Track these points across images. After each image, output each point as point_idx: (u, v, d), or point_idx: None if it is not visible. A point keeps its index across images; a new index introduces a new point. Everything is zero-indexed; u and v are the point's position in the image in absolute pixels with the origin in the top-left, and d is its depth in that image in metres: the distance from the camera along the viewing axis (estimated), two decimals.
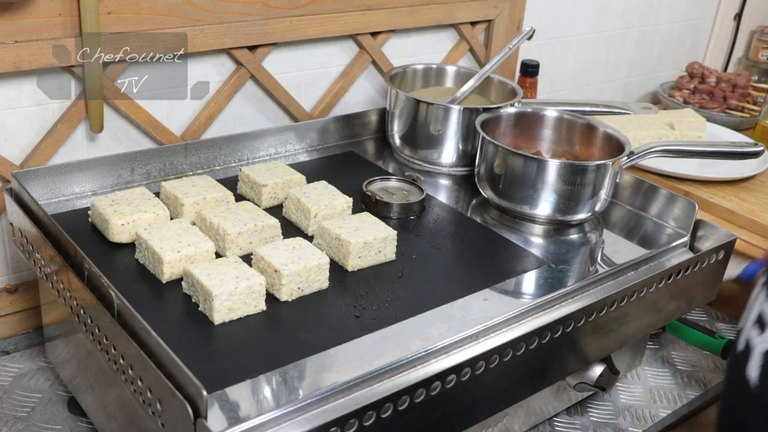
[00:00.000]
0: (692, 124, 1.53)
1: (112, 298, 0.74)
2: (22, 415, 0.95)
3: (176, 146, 1.07)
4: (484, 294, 0.88)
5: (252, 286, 0.80)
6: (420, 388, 0.72)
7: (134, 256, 0.89)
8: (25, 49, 0.96)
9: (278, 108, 1.26)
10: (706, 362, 1.18)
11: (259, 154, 1.15)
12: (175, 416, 0.65)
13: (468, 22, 1.42)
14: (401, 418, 0.72)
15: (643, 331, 1.00)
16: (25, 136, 1.04)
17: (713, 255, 1.01)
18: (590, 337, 0.90)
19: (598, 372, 0.97)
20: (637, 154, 1.06)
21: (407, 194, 1.07)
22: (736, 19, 2.03)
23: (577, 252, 1.01)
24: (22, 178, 0.94)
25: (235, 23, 1.13)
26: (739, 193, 1.38)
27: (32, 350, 1.06)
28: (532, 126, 1.17)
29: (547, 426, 1.02)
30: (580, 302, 0.87)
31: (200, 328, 0.78)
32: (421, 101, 1.17)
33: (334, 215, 0.98)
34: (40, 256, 0.88)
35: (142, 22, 1.05)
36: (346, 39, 1.29)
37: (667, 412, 1.07)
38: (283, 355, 0.74)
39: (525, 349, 0.81)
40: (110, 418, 0.86)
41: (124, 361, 0.72)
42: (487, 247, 0.99)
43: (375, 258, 0.91)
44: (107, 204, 0.92)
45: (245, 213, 0.93)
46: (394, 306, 0.84)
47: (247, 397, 0.69)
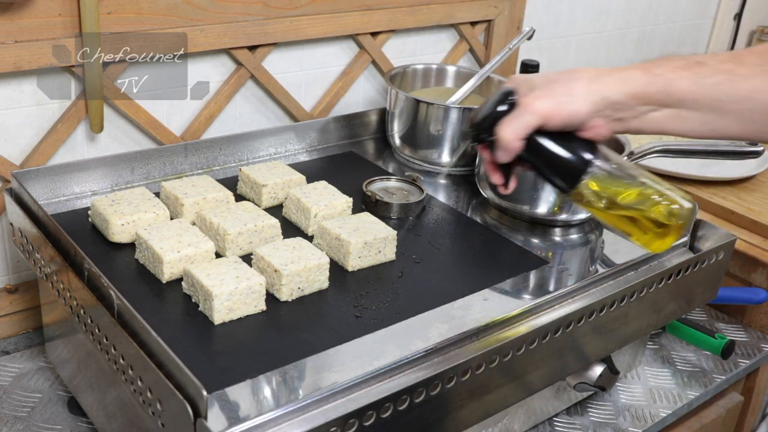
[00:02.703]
0: None
1: (112, 298, 0.74)
2: (22, 415, 0.95)
3: (176, 146, 1.07)
4: (484, 294, 0.88)
5: (252, 286, 0.80)
6: (420, 388, 0.72)
7: (134, 256, 0.89)
8: (25, 49, 0.96)
9: (278, 108, 1.26)
10: (706, 362, 1.18)
11: (259, 154, 1.15)
12: (175, 416, 0.65)
13: (468, 22, 1.42)
14: (401, 418, 0.72)
15: (643, 331, 1.00)
16: (25, 136, 1.04)
17: (713, 255, 1.01)
18: (590, 337, 0.90)
19: (598, 372, 0.97)
20: (637, 154, 1.06)
21: (407, 194, 1.07)
22: (736, 19, 2.03)
23: (577, 252, 1.01)
24: (22, 178, 0.94)
25: (235, 23, 1.13)
26: (739, 193, 1.38)
27: (32, 350, 1.06)
28: None
29: (547, 426, 1.02)
30: (580, 302, 0.87)
31: (200, 328, 0.78)
32: (421, 101, 1.17)
33: (334, 215, 0.98)
34: (40, 256, 0.88)
35: (142, 22, 1.05)
36: (346, 39, 1.29)
37: (667, 412, 1.07)
38: (283, 355, 0.74)
39: (525, 349, 0.81)
40: (110, 418, 0.86)
41: (124, 361, 0.72)
42: (487, 247, 0.99)
43: (375, 258, 0.91)
44: (107, 204, 0.92)
45: (245, 213, 0.93)
46: (394, 306, 0.84)
47: (247, 397, 0.69)
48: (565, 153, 0.79)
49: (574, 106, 0.76)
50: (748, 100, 0.75)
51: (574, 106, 0.76)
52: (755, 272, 1.24)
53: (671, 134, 0.80)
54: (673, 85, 0.76)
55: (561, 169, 0.80)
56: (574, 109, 0.76)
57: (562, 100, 0.76)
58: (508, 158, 0.79)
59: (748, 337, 1.25)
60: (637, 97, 0.77)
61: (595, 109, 0.77)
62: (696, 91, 0.76)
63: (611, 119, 0.78)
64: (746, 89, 0.74)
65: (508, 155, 0.78)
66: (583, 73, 0.78)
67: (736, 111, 0.76)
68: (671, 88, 0.76)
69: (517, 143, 0.77)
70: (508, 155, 0.78)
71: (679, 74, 0.76)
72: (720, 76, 0.75)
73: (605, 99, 0.76)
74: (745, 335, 1.25)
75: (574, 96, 0.76)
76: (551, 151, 0.79)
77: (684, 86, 0.76)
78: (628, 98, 0.77)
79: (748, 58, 0.75)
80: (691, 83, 0.75)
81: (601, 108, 0.77)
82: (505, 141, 0.77)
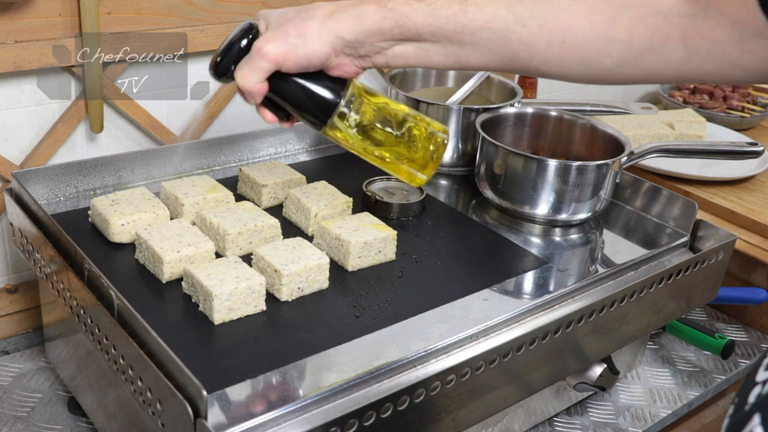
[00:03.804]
0: (692, 123, 1.53)
1: (112, 298, 0.74)
2: (22, 415, 0.95)
3: (176, 146, 1.07)
4: (484, 294, 0.88)
5: (252, 286, 0.80)
6: (420, 388, 0.72)
7: (134, 256, 0.89)
8: (25, 49, 0.96)
9: None
10: (706, 362, 1.18)
11: (259, 154, 1.15)
12: (175, 416, 0.65)
13: None
14: (401, 418, 0.72)
15: (643, 331, 1.00)
16: (25, 136, 1.04)
17: (713, 255, 1.01)
18: (590, 337, 0.90)
19: (598, 372, 0.97)
20: (637, 154, 1.06)
21: (407, 194, 1.07)
22: None
23: (577, 252, 1.01)
24: (22, 178, 0.94)
25: (235, 23, 1.12)
26: (739, 193, 1.38)
27: (32, 350, 1.06)
28: (532, 126, 1.16)
29: (547, 426, 1.02)
30: (580, 302, 0.87)
31: (200, 328, 0.78)
32: (421, 101, 1.17)
33: (334, 215, 0.98)
34: (40, 256, 0.88)
35: (142, 22, 1.05)
36: None
37: (667, 412, 1.07)
38: (283, 355, 0.74)
39: (525, 349, 0.81)
40: (110, 418, 0.86)
41: (124, 361, 0.72)
42: (487, 247, 0.99)
43: (375, 258, 0.91)
44: (107, 204, 0.92)
45: (245, 213, 0.93)
46: (394, 306, 0.84)
47: (247, 397, 0.69)
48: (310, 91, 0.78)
49: (309, 48, 0.74)
50: (484, 30, 0.73)
51: (309, 48, 0.74)
52: (755, 272, 1.24)
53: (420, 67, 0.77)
54: (408, 19, 0.74)
55: (310, 106, 0.79)
56: (308, 51, 0.74)
57: (295, 41, 0.74)
58: (256, 101, 0.77)
59: (748, 337, 1.25)
60: (374, 33, 0.74)
61: (332, 49, 0.74)
62: (432, 24, 0.74)
63: (354, 57, 0.76)
64: (481, 19, 0.73)
65: (254, 99, 0.76)
66: (318, 10, 0.75)
67: (474, 42, 0.74)
68: (407, 21, 0.74)
69: (258, 86, 0.75)
70: (253, 99, 0.76)
71: (412, 6, 0.74)
72: (454, 7, 0.73)
73: (341, 38, 0.74)
74: (745, 335, 1.25)
75: (309, 37, 0.74)
76: (294, 91, 0.77)
77: (419, 19, 0.74)
78: (364, 35, 0.74)
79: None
80: (426, 15, 0.73)
81: (338, 47, 0.75)
82: (244, 86, 0.75)
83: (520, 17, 0.72)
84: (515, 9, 0.72)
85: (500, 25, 0.73)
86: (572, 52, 0.72)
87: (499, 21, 0.73)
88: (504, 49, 0.74)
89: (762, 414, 0.51)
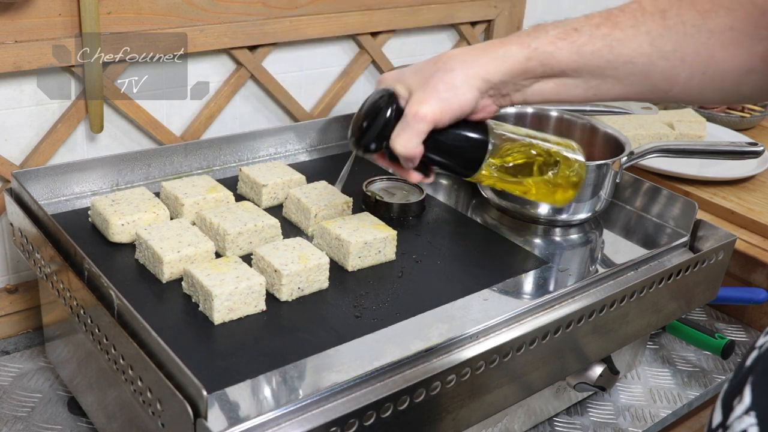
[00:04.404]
0: (692, 123, 1.53)
1: (112, 298, 0.74)
2: (22, 415, 0.95)
3: (176, 146, 1.07)
4: (484, 294, 0.88)
5: (252, 286, 0.80)
6: (420, 388, 0.72)
7: (134, 256, 0.89)
8: (25, 49, 0.96)
9: (278, 108, 1.26)
10: (706, 362, 1.18)
11: (259, 154, 1.15)
12: (175, 416, 0.65)
13: (468, 22, 1.42)
14: (401, 418, 0.72)
15: (643, 331, 1.00)
16: (25, 136, 1.04)
17: (713, 255, 1.01)
18: (590, 337, 0.90)
19: (598, 372, 0.97)
20: (637, 154, 1.06)
21: (407, 194, 1.07)
22: None
23: (577, 252, 1.01)
24: (22, 178, 0.94)
25: (235, 23, 1.13)
26: (739, 193, 1.37)
27: (32, 350, 1.06)
28: (533, 126, 1.16)
29: (547, 426, 1.02)
30: (580, 302, 0.87)
31: (200, 328, 0.78)
32: None
33: (334, 215, 0.98)
34: (40, 256, 0.88)
35: (142, 22, 1.05)
36: (346, 39, 1.29)
37: (667, 412, 1.07)
38: (283, 355, 0.74)
39: (525, 349, 0.81)
40: (110, 418, 0.86)
41: (124, 361, 0.72)
42: (487, 247, 0.99)
43: (375, 258, 0.91)
44: (107, 204, 0.92)
45: (245, 213, 0.93)
46: (394, 306, 0.84)
47: (247, 397, 0.69)
48: (462, 143, 0.79)
49: (461, 98, 0.75)
50: (628, 65, 0.75)
51: (461, 98, 0.75)
52: (755, 272, 1.24)
53: (557, 102, 0.79)
54: (554, 58, 0.75)
55: (462, 159, 0.81)
56: (461, 101, 0.75)
57: (446, 96, 0.75)
58: (414, 165, 0.79)
59: (748, 337, 1.25)
60: (519, 73, 0.76)
61: (479, 94, 0.76)
62: (577, 61, 0.75)
63: (497, 97, 0.78)
64: (625, 54, 0.74)
65: (413, 163, 0.78)
66: (456, 59, 0.76)
67: (617, 75, 0.75)
68: (551, 60, 0.75)
69: (417, 150, 0.77)
70: (413, 163, 0.78)
71: (556, 45, 0.75)
72: (598, 43, 0.75)
73: (487, 81, 0.76)
74: (745, 335, 1.25)
75: (458, 88, 0.75)
76: (449, 146, 0.79)
77: (564, 57, 0.75)
78: (509, 76, 0.76)
79: (622, 20, 0.75)
80: (570, 53, 0.75)
81: (484, 90, 0.76)
82: (404, 153, 0.76)
83: (663, 51, 0.74)
84: (657, 43, 0.74)
85: (644, 59, 0.74)
86: (713, 82, 0.74)
87: (643, 56, 0.74)
88: (645, 81, 0.76)
89: (753, 377, 0.52)
